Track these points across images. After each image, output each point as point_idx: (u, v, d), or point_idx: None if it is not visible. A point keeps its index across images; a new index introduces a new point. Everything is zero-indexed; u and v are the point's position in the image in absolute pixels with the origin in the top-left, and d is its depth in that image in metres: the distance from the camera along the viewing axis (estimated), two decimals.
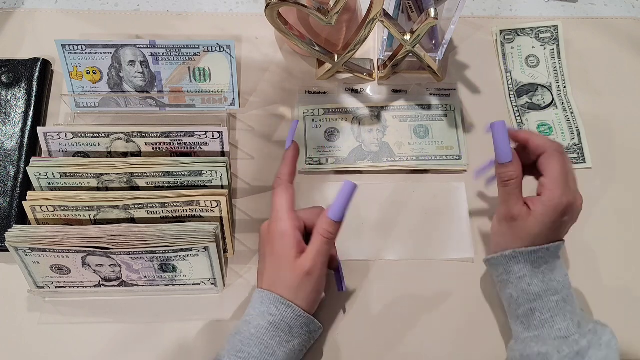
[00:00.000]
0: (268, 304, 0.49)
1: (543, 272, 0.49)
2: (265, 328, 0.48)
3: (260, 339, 0.47)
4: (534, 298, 0.48)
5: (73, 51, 0.59)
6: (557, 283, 0.49)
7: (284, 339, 0.48)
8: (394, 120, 0.65)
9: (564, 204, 0.48)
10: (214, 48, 0.60)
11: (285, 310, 0.48)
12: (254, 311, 0.49)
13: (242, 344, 0.47)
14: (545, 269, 0.49)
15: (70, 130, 0.56)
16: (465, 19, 0.71)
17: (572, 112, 0.66)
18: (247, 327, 0.48)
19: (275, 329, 0.48)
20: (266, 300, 0.49)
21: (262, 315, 0.48)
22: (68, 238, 0.50)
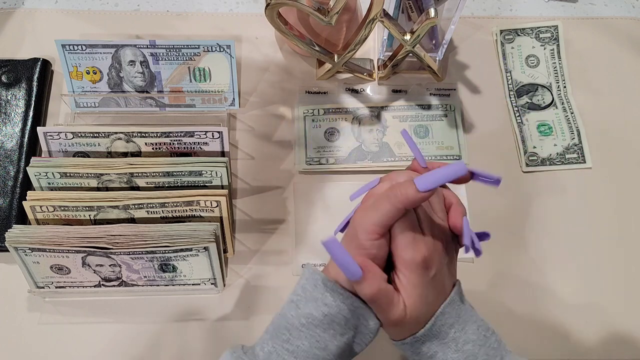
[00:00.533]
0: (323, 291, 0.42)
1: (454, 339, 0.42)
2: (319, 320, 0.41)
3: (311, 332, 0.41)
4: None
5: (73, 51, 0.59)
6: (473, 345, 0.42)
7: (339, 331, 0.42)
8: (394, 120, 0.65)
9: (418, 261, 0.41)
10: (214, 48, 0.60)
11: (343, 302, 0.42)
12: (304, 293, 0.43)
13: (290, 333, 0.42)
14: (454, 334, 0.42)
15: (70, 130, 0.56)
16: (465, 19, 0.71)
17: (572, 112, 0.66)
18: (296, 313, 0.42)
19: (330, 321, 0.42)
20: (320, 285, 0.42)
21: (314, 302, 0.42)
22: (68, 238, 0.50)
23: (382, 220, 0.41)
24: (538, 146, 0.64)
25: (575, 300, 0.58)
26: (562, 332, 0.57)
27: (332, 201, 0.60)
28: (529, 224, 0.61)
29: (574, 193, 0.62)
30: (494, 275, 0.59)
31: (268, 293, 0.57)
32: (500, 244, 0.60)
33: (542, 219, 0.61)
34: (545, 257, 0.59)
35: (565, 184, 0.63)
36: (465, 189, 0.62)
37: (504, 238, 0.60)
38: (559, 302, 0.57)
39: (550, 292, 0.58)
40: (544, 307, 0.57)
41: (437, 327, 0.42)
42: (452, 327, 0.42)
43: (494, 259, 0.59)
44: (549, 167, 0.63)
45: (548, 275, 0.59)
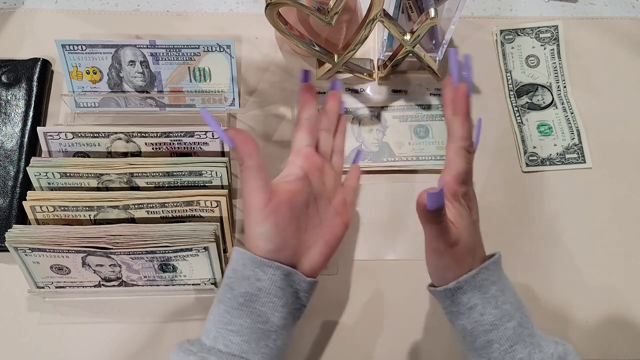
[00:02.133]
0: (253, 267, 0.44)
1: (495, 296, 0.44)
2: (256, 295, 0.43)
3: (251, 309, 0.43)
4: (490, 329, 0.43)
5: (73, 51, 0.59)
6: (510, 306, 0.44)
7: (278, 303, 0.44)
8: (394, 120, 0.65)
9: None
10: (214, 48, 0.60)
11: (273, 274, 0.43)
12: (234, 274, 0.44)
13: (231, 315, 0.43)
14: (495, 292, 0.44)
15: (70, 130, 0.56)
16: (465, 19, 0.71)
17: (572, 112, 0.66)
18: (232, 295, 0.44)
19: (267, 294, 0.43)
20: (249, 263, 0.44)
21: (247, 280, 0.43)
22: (68, 238, 0.50)
23: None
24: (538, 146, 0.64)
25: (575, 300, 0.58)
26: (562, 331, 0.57)
27: None
28: (529, 224, 0.61)
29: (574, 193, 0.62)
30: None
31: None
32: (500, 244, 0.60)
33: (542, 219, 0.61)
34: (545, 257, 0.59)
35: (565, 184, 0.63)
36: None
37: (504, 238, 0.60)
38: (558, 302, 0.58)
39: (549, 291, 0.58)
40: (544, 307, 0.57)
41: (480, 279, 0.44)
42: (494, 284, 0.44)
43: None
44: (549, 167, 0.63)
45: (548, 275, 0.59)
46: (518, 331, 0.43)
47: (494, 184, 0.63)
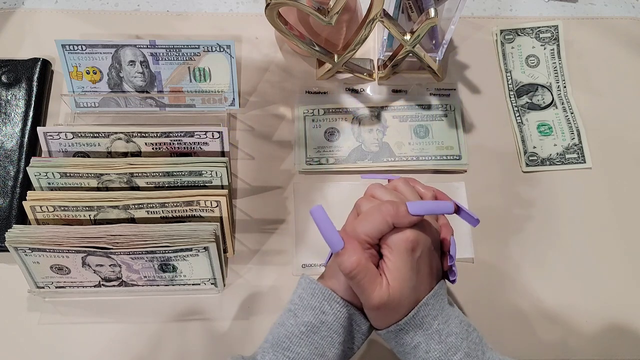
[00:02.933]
0: (321, 300, 0.44)
1: (438, 331, 0.43)
2: (317, 327, 0.43)
3: (310, 339, 0.43)
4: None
5: (73, 51, 0.59)
6: (455, 337, 0.43)
7: (336, 339, 0.44)
8: (394, 120, 0.65)
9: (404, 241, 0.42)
10: (214, 48, 0.60)
11: (339, 310, 0.44)
12: (301, 302, 0.45)
13: (290, 341, 0.43)
14: (437, 326, 0.43)
15: (70, 130, 0.56)
16: (465, 19, 0.71)
17: (572, 112, 0.66)
18: (295, 322, 0.44)
19: (328, 329, 0.44)
20: (318, 294, 0.44)
21: (312, 311, 0.44)
22: (68, 238, 0.50)
23: (373, 231, 0.42)
24: (538, 146, 0.64)
25: (575, 300, 0.58)
26: (563, 331, 0.57)
27: (332, 201, 0.60)
28: (529, 224, 0.61)
29: (574, 193, 0.62)
30: (494, 274, 0.59)
31: (268, 293, 0.57)
32: (500, 244, 0.60)
33: (542, 219, 0.61)
34: (545, 256, 0.59)
35: (565, 184, 0.63)
36: (465, 188, 0.62)
37: (504, 238, 0.60)
38: (558, 302, 0.57)
39: (549, 292, 0.58)
40: (544, 307, 0.57)
41: (420, 317, 0.43)
42: (436, 318, 0.43)
43: (494, 259, 0.59)
44: (549, 167, 0.63)
45: (548, 275, 0.59)
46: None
47: (494, 184, 0.63)
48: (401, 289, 0.42)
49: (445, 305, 0.44)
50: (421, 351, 0.43)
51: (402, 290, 0.42)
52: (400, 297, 0.42)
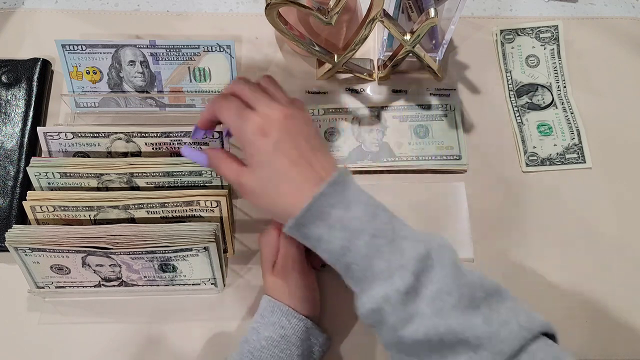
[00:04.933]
0: (279, 316, 0.49)
1: (339, 218, 0.41)
2: (277, 341, 0.48)
3: (271, 352, 0.47)
4: (343, 252, 0.41)
5: (73, 51, 0.59)
6: (359, 221, 0.41)
7: (294, 351, 0.48)
8: (394, 120, 0.65)
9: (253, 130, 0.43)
10: (214, 48, 0.60)
11: (297, 324, 0.49)
12: (262, 319, 0.49)
13: (252, 355, 0.48)
14: (338, 213, 0.41)
15: (70, 130, 0.56)
16: (465, 19, 0.71)
17: (572, 112, 0.66)
18: (257, 337, 0.48)
19: (287, 342, 0.48)
20: (277, 311, 0.49)
21: (272, 326, 0.48)
22: (68, 238, 0.50)
23: None
24: (538, 146, 0.64)
25: (575, 300, 0.58)
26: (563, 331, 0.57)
27: None
28: (529, 224, 0.61)
29: (574, 193, 0.62)
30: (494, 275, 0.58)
31: None
32: (500, 244, 0.60)
33: (542, 219, 0.61)
34: (545, 257, 0.59)
35: (565, 184, 0.63)
36: (465, 188, 0.62)
37: (504, 238, 0.60)
38: (559, 302, 0.57)
39: (550, 291, 0.58)
40: (544, 307, 0.57)
41: (317, 208, 0.41)
42: (334, 207, 0.41)
43: (494, 259, 0.59)
44: (549, 167, 0.63)
45: (548, 275, 0.59)
46: (372, 244, 0.40)
47: (494, 184, 0.63)
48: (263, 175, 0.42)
49: (347, 192, 0.42)
50: (325, 242, 0.41)
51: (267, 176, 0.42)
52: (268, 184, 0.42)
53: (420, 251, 0.40)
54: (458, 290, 0.38)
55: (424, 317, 0.38)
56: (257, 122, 0.43)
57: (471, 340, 0.37)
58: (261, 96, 0.45)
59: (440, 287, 0.38)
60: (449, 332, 0.37)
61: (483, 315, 0.38)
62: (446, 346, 0.38)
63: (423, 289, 0.39)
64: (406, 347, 0.39)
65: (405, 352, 0.40)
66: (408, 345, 0.39)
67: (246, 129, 0.43)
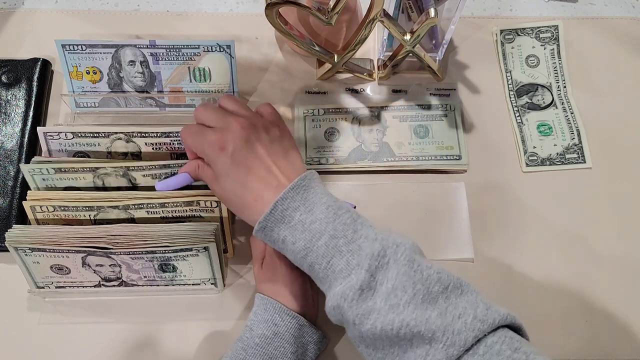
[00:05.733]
0: (272, 313, 0.49)
1: (301, 221, 0.43)
2: (270, 338, 0.48)
3: (264, 349, 0.47)
4: (305, 253, 0.43)
5: (73, 51, 0.59)
6: (319, 223, 0.43)
7: (288, 349, 0.48)
8: (394, 120, 0.65)
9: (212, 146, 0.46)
10: (214, 48, 0.60)
11: (289, 322, 0.48)
12: (256, 317, 0.49)
13: (245, 352, 0.48)
14: (300, 216, 0.43)
15: (70, 130, 0.56)
16: (465, 19, 0.71)
17: (572, 112, 0.66)
18: (251, 335, 0.48)
19: (280, 339, 0.48)
20: (270, 309, 0.49)
21: (265, 324, 0.48)
22: (68, 238, 0.50)
23: None
24: (538, 146, 0.64)
25: (575, 300, 0.58)
26: (563, 331, 0.57)
27: None
28: (529, 224, 0.61)
29: (574, 193, 0.62)
30: (494, 274, 0.59)
31: None
32: (500, 244, 0.60)
33: (542, 219, 0.61)
34: (545, 257, 0.59)
35: (565, 184, 0.63)
36: (465, 188, 0.62)
37: (504, 238, 0.60)
38: (558, 302, 0.57)
39: (550, 291, 0.58)
40: (544, 307, 0.57)
41: (279, 212, 0.43)
42: (297, 210, 0.43)
43: (494, 259, 0.59)
44: (549, 167, 0.63)
45: (548, 275, 0.59)
46: (332, 244, 0.42)
47: (494, 184, 0.63)
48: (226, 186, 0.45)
49: (309, 195, 0.44)
50: (289, 243, 0.44)
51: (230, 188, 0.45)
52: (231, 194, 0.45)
53: (376, 249, 0.41)
54: (412, 287, 0.40)
55: (380, 313, 0.39)
56: (214, 138, 0.46)
57: (425, 333, 0.38)
58: (220, 114, 0.48)
59: (395, 284, 0.40)
60: (404, 326, 0.39)
61: (439, 308, 0.39)
62: (404, 340, 0.39)
63: (378, 285, 0.40)
64: (370, 342, 0.41)
65: (371, 346, 0.41)
66: (370, 339, 0.41)
67: (205, 146, 0.46)
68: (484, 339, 0.38)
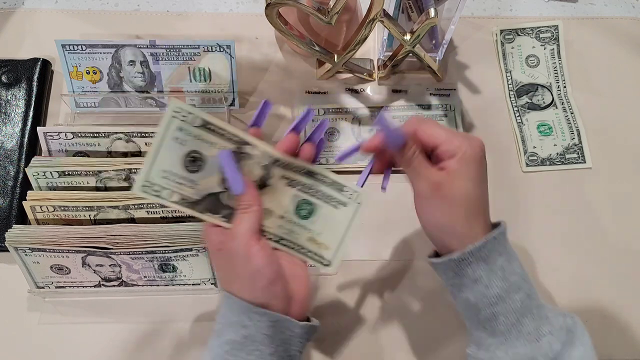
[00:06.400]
0: (239, 314, 0.41)
1: (502, 267, 0.42)
2: (241, 343, 0.41)
3: (236, 357, 0.41)
4: (496, 301, 0.41)
5: (73, 51, 0.59)
6: (518, 277, 0.42)
7: (265, 351, 0.41)
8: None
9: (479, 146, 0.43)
10: (214, 48, 0.60)
11: (259, 320, 0.41)
12: (223, 319, 0.43)
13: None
14: (501, 263, 0.42)
15: (70, 130, 0.56)
16: (465, 19, 0.71)
17: (572, 112, 0.66)
18: (219, 342, 0.42)
19: (252, 342, 0.41)
20: (236, 309, 0.42)
21: (233, 327, 0.41)
22: (68, 238, 0.50)
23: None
24: (538, 146, 0.64)
25: (575, 300, 0.58)
26: None
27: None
28: (529, 224, 0.61)
29: (574, 193, 0.62)
30: None
31: None
32: None
33: (542, 219, 0.61)
34: (545, 257, 0.59)
35: (565, 184, 0.63)
36: None
37: None
38: (558, 302, 0.57)
39: (550, 291, 0.58)
40: None
41: (487, 250, 0.41)
42: (501, 255, 0.42)
43: None
44: (549, 167, 0.63)
45: (548, 275, 0.59)
46: (526, 303, 0.41)
47: (494, 184, 0.62)
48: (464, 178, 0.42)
49: (509, 245, 0.43)
50: (482, 286, 0.41)
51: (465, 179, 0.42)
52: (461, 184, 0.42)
53: (568, 323, 0.42)
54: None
55: None
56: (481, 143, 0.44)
57: None
58: None
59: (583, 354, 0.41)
60: None
61: None
62: None
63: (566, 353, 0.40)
64: None
65: None
66: None
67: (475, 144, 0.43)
68: None
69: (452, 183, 0.42)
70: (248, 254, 0.41)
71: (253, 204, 0.43)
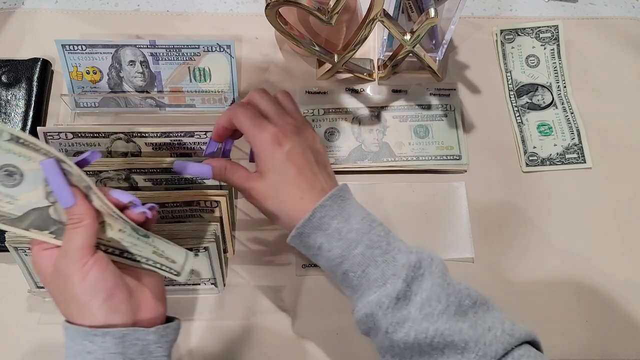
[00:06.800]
0: (81, 340, 0.39)
1: (337, 229, 0.44)
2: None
3: None
4: (340, 261, 0.44)
5: (73, 51, 0.59)
6: (356, 233, 0.44)
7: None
8: (394, 120, 0.65)
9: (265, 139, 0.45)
10: (214, 48, 0.60)
11: (103, 341, 0.39)
12: (68, 351, 0.40)
13: None
14: (337, 225, 0.44)
15: (70, 130, 0.56)
16: (465, 19, 0.71)
17: (572, 112, 0.66)
18: None
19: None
20: (77, 337, 0.39)
21: (79, 356, 0.39)
22: None
23: None
24: (538, 146, 0.64)
25: (575, 300, 0.58)
26: (563, 331, 0.57)
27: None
28: (529, 224, 0.61)
29: (574, 193, 0.62)
30: (494, 275, 0.59)
31: (268, 293, 0.57)
32: (500, 244, 0.60)
33: (542, 219, 0.61)
34: (545, 256, 0.59)
35: (565, 184, 0.63)
36: (465, 188, 0.62)
37: (504, 238, 0.60)
38: (558, 302, 0.57)
39: (550, 291, 0.58)
40: (544, 306, 0.57)
41: (317, 219, 0.44)
42: (334, 218, 0.44)
43: (494, 259, 0.59)
44: (549, 167, 0.63)
45: (548, 275, 0.59)
46: (367, 254, 0.43)
47: (494, 184, 0.63)
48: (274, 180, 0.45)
49: (345, 206, 0.45)
50: (325, 251, 0.44)
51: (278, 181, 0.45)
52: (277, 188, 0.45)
53: (412, 261, 0.42)
54: (446, 298, 0.41)
55: (414, 322, 0.40)
56: (272, 132, 0.46)
57: (458, 343, 0.40)
58: (277, 108, 0.49)
59: (430, 295, 0.41)
60: (438, 335, 0.40)
61: (469, 321, 0.41)
62: (435, 349, 0.40)
63: (413, 295, 0.41)
64: (399, 351, 0.41)
65: (398, 356, 0.42)
66: (400, 349, 0.41)
67: (262, 137, 0.46)
68: (511, 352, 0.40)
69: (263, 182, 0.46)
70: (81, 270, 0.39)
71: (85, 217, 0.40)
